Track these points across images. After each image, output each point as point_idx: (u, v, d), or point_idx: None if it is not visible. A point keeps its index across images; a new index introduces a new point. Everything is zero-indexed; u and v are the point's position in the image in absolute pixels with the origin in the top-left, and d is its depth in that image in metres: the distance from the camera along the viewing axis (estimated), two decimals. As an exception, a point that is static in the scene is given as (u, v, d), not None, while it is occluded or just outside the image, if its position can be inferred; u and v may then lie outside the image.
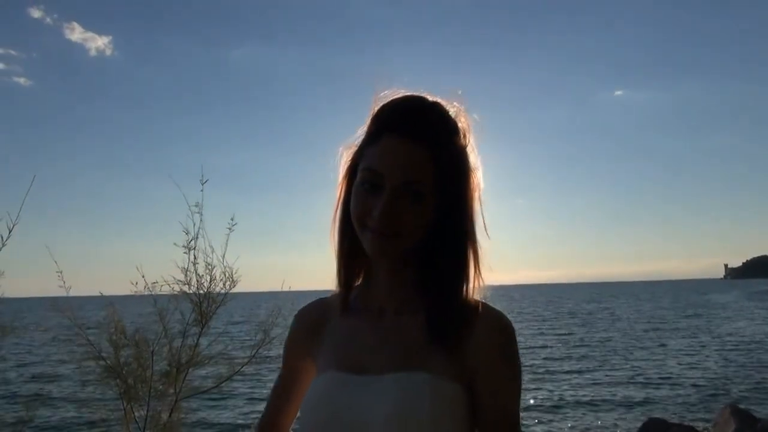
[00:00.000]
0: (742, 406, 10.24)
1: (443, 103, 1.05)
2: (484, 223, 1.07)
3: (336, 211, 1.10)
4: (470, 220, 1.05)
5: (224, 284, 3.11)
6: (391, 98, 1.04)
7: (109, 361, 3.07)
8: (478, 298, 1.05)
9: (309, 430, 1.01)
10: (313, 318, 1.16)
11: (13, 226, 2.99)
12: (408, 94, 1.04)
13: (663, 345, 23.88)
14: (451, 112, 1.05)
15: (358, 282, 1.12)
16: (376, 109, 1.05)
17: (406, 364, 0.98)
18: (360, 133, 1.06)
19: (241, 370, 3.25)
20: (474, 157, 1.06)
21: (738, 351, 21.51)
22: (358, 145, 1.06)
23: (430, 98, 1.04)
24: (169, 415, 3.02)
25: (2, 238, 2.99)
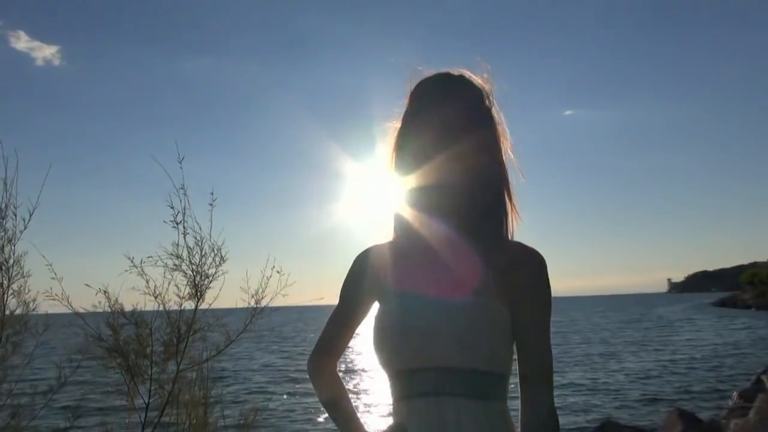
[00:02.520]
0: (687, 409, 10.91)
1: (468, 72, 1.23)
2: (518, 170, 1.24)
3: (388, 176, 1.27)
4: (503, 166, 1.23)
5: (213, 259, 3.24)
6: (424, 76, 1.23)
7: (109, 343, 3.14)
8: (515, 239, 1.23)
9: (386, 345, 1.17)
10: (373, 260, 1.30)
11: (34, 209, 3.07)
12: (436, 71, 1.23)
13: (614, 355, 24.76)
14: (475, 80, 1.22)
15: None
16: (413, 86, 1.23)
17: (464, 291, 1.14)
18: (400, 110, 1.25)
19: (237, 338, 3.33)
20: (498, 114, 1.23)
21: (683, 359, 22.63)
22: (402, 119, 1.24)
23: (455, 71, 1.23)
24: (172, 387, 3.13)
25: (24, 220, 3.05)
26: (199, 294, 3.19)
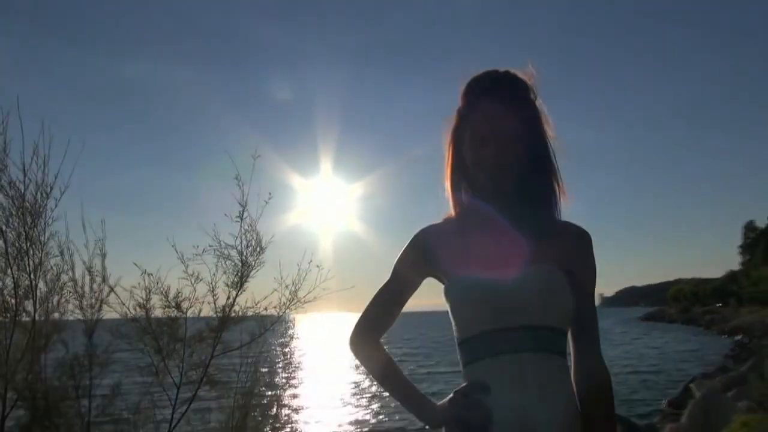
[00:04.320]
0: (623, 416, 11.46)
1: (514, 70, 1.34)
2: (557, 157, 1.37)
3: (448, 164, 1.39)
4: (552, 154, 1.36)
5: (255, 248, 3.28)
6: (473, 76, 1.35)
7: (142, 323, 3.15)
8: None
9: (472, 309, 1.28)
10: (436, 237, 1.39)
11: (66, 189, 3.05)
12: (484, 70, 1.35)
13: None
14: (520, 75, 1.34)
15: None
16: (465, 86, 1.35)
17: (535, 259, 1.29)
18: (454, 109, 1.38)
19: (271, 328, 3.34)
20: (541, 105, 1.35)
21: (615, 371, 23.70)
22: (456, 117, 1.37)
23: (501, 69, 1.34)
24: (205, 372, 3.15)
25: (56, 200, 3.02)
26: (242, 282, 3.23)
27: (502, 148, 1.29)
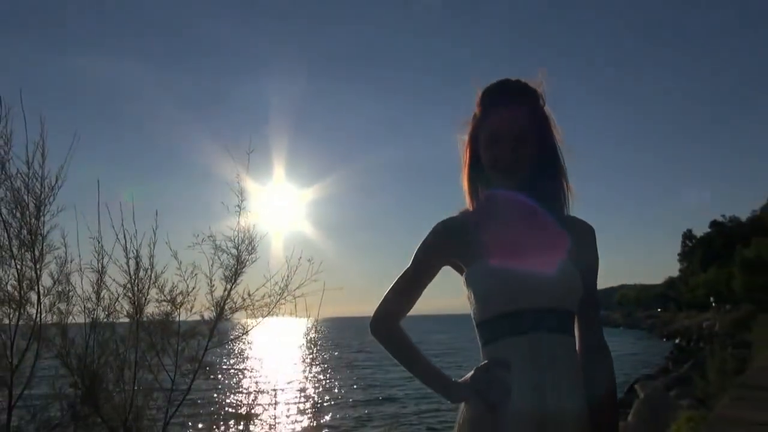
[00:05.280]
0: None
1: (525, 79, 1.46)
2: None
3: (465, 165, 1.51)
4: (560, 153, 1.49)
5: (247, 246, 3.38)
6: (487, 85, 1.47)
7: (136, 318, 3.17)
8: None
9: (497, 292, 1.37)
10: (454, 227, 1.50)
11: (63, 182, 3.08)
12: (497, 80, 1.47)
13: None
14: (531, 83, 1.46)
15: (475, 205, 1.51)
16: (480, 94, 1.47)
17: (549, 250, 1.40)
18: (470, 115, 1.50)
19: (263, 320, 3.42)
20: (549, 111, 1.47)
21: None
22: (473, 121, 1.49)
23: (513, 78, 1.46)
24: (199, 364, 3.19)
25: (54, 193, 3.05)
26: (236, 276, 3.28)
27: (513, 147, 1.41)
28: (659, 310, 79.73)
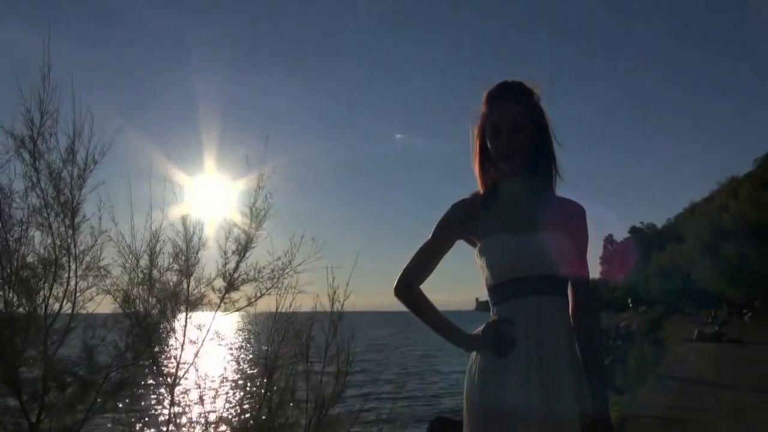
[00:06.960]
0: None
1: (522, 80, 1.71)
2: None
3: (476, 154, 1.74)
4: (552, 144, 1.71)
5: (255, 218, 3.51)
6: (491, 86, 1.71)
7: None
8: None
9: (507, 261, 1.62)
10: (468, 206, 1.74)
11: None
12: (499, 81, 1.71)
13: (436, 369, 25.60)
14: (527, 83, 1.71)
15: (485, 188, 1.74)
16: (485, 94, 1.70)
17: (548, 226, 1.63)
18: (478, 111, 1.73)
19: (268, 292, 3.50)
20: (543, 108, 1.71)
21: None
22: (481, 118, 1.72)
23: (511, 80, 1.70)
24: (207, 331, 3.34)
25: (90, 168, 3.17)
26: (243, 252, 3.46)
27: (511, 134, 1.65)
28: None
